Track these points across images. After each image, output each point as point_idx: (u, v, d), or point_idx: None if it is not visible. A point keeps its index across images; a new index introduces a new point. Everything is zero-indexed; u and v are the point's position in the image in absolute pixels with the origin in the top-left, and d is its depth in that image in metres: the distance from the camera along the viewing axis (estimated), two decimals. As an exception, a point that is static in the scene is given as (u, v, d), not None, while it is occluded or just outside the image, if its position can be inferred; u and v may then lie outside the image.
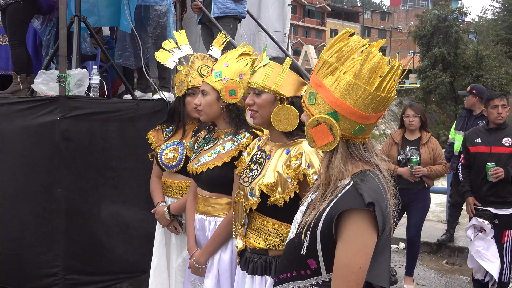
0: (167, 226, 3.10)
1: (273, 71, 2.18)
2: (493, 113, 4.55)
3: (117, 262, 4.15)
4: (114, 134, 4.04)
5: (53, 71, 3.91)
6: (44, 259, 3.84)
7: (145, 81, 5.09)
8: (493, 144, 4.50)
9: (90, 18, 4.56)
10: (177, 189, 3.09)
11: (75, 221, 3.86)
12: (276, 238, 2.15)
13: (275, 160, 2.17)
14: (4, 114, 3.99)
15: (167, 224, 3.10)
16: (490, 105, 4.58)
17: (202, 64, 3.00)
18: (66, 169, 3.81)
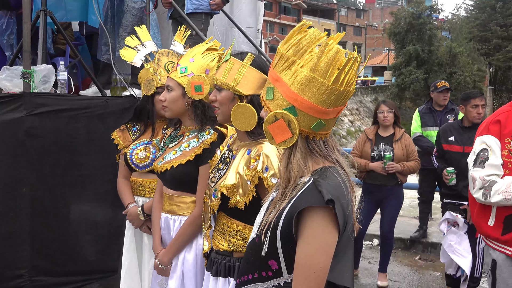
0: (140, 227, 3.03)
1: (233, 67, 2.11)
2: (472, 112, 4.58)
3: (87, 262, 4.07)
4: (82, 132, 3.95)
5: (17, 67, 3.80)
6: (9, 260, 3.73)
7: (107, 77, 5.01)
8: (466, 144, 4.52)
9: (57, 13, 4.46)
10: (149, 188, 3.02)
11: (42, 220, 3.76)
12: (240, 240, 2.10)
13: (238, 161, 2.11)
14: (-33, 111, 3.87)
15: (140, 225, 3.03)
16: (470, 104, 4.59)
17: (168, 61, 2.94)
18: (31, 168, 3.71)
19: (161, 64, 2.93)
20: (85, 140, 3.98)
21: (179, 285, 2.51)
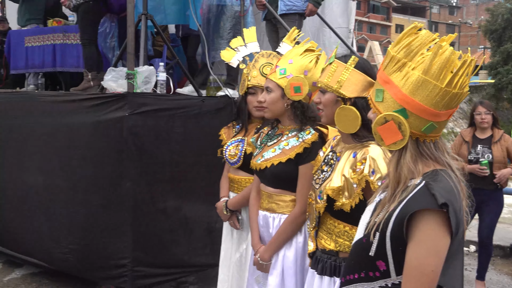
0: (228, 221, 3.13)
1: (337, 70, 2.14)
2: None
3: (182, 255, 4.23)
4: (179, 130, 4.12)
5: (122, 69, 4.02)
6: (113, 251, 3.97)
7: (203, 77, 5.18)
8: None
9: (156, 16, 4.67)
10: (237, 185, 3.10)
11: (142, 214, 3.96)
12: (347, 241, 2.11)
13: (343, 163, 2.12)
14: (76, 109, 4.15)
15: (226, 219, 3.13)
16: None
17: (266, 62, 2.98)
18: (133, 164, 3.91)
19: (257, 65, 2.99)
20: (182, 138, 4.14)
21: (279, 282, 2.56)
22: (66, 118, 4.24)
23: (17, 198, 4.74)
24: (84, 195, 4.13)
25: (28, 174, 4.62)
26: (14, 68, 6.36)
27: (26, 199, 4.64)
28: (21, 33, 6.40)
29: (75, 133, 4.17)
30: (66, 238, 4.23)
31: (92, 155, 4.07)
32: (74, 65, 5.79)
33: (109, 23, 5.47)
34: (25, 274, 4.93)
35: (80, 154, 4.15)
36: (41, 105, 4.51)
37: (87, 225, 4.12)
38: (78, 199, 4.16)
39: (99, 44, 5.31)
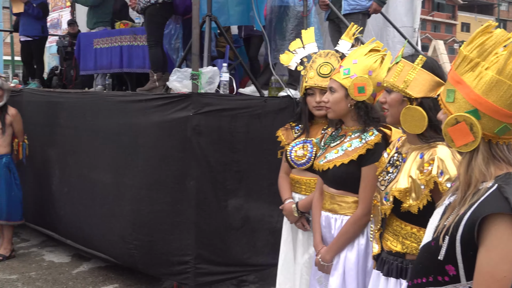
0: (295, 223, 3.11)
1: (403, 69, 2.10)
2: None
3: (243, 254, 4.27)
4: (242, 130, 4.16)
5: (187, 69, 4.10)
6: (176, 247, 4.05)
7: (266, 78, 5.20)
8: None
9: (220, 17, 4.73)
10: (305, 186, 3.08)
11: (205, 212, 4.03)
12: (414, 243, 2.07)
13: (409, 164, 2.08)
14: (142, 109, 4.27)
15: (295, 220, 3.10)
16: None
17: (324, 62, 2.96)
18: (197, 163, 3.98)
19: (314, 66, 2.97)
20: (244, 138, 4.18)
21: (341, 283, 2.54)
22: (132, 117, 4.37)
23: (86, 194, 4.92)
24: (149, 192, 4.24)
25: (95, 172, 4.80)
26: (84, 69, 6.62)
27: (93, 196, 4.82)
28: (90, 36, 6.65)
29: (141, 132, 4.29)
30: (132, 234, 4.35)
31: (157, 154, 4.17)
32: (140, 66, 5.96)
33: (174, 25, 5.59)
34: (92, 267, 5.11)
35: (146, 153, 4.26)
36: (109, 105, 4.66)
37: (152, 222, 4.23)
38: (143, 197, 4.28)
39: (164, 45, 5.44)
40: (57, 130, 5.31)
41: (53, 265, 5.17)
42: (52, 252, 5.58)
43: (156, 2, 5.06)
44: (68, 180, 5.17)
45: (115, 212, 4.53)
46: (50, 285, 4.64)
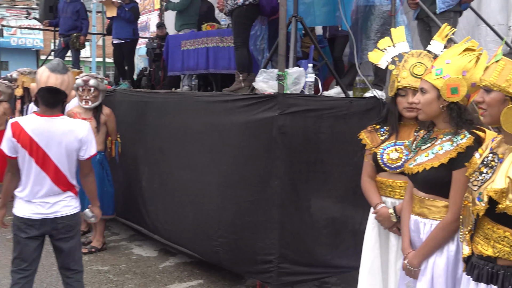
0: (390, 228, 3.02)
1: (505, 68, 2.01)
2: None
3: (326, 256, 4.25)
4: (327, 131, 4.13)
5: (273, 70, 4.14)
6: (260, 246, 4.10)
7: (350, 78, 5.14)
8: None
9: (306, 18, 4.73)
10: (399, 190, 2.98)
11: (289, 212, 4.04)
12: (507, 247, 1.98)
13: (507, 165, 1.99)
14: (228, 109, 4.35)
15: (390, 225, 3.00)
16: None
17: (416, 62, 2.87)
18: (281, 163, 4.00)
19: (407, 65, 2.89)
20: (329, 139, 4.15)
21: (428, 289, 2.48)
22: (219, 117, 4.47)
23: (172, 192, 5.08)
24: (234, 191, 4.31)
25: (182, 170, 4.94)
26: (171, 70, 6.84)
27: (180, 193, 4.96)
28: (178, 38, 6.87)
29: (227, 132, 4.38)
30: (216, 232, 4.45)
31: (243, 153, 4.24)
32: (225, 67, 6.09)
33: (259, 26, 5.66)
34: (178, 262, 5.28)
35: (231, 152, 4.34)
36: (196, 105, 4.79)
37: (236, 220, 4.30)
38: (228, 195, 4.36)
39: (249, 46, 5.52)
40: (146, 129, 5.53)
41: (141, 259, 5.38)
42: (140, 246, 5.81)
43: (242, 4, 5.15)
44: (156, 177, 5.36)
45: (201, 209, 4.65)
46: (138, 278, 4.84)
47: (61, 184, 3.33)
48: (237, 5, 5.18)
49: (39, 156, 3.25)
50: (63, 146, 3.28)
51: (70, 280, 3.47)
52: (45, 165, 3.26)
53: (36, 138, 3.23)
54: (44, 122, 3.27)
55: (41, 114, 3.30)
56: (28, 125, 3.25)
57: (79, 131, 3.35)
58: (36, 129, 3.24)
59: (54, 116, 3.29)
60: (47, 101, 3.27)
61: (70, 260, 3.44)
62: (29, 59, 31.99)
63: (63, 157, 3.30)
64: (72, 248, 3.42)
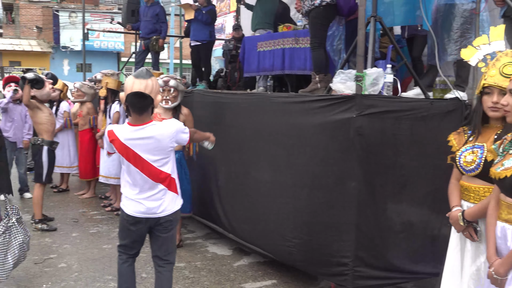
0: (463, 232, 2.95)
1: None
2: None
3: (403, 260, 4.16)
4: (405, 133, 4.04)
5: (351, 71, 4.09)
6: (335, 248, 4.07)
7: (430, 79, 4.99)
8: None
9: (386, 18, 4.65)
10: (474, 194, 2.91)
11: (366, 215, 3.99)
12: None
13: None
14: (304, 110, 4.35)
15: (461, 229, 2.94)
16: None
17: (508, 62, 2.75)
18: (358, 164, 3.95)
19: (497, 64, 2.78)
20: (408, 141, 4.06)
21: (516, 299, 2.37)
22: (295, 118, 4.47)
23: (248, 191, 5.14)
24: (309, 192, 4.30)
25: (257, 170, 4.98)
26: (247, 71, 6.92)
27: (255, 193, 5.01)
28: (254, 39, 6.93)
29: (303, 133, 4.37)
30: (291, 232, 4.45)
31: (318, 154, 4.22)
32: (301, 68, 6.08)
33: (337, 27, 5.61)
34: (252, 262, 5.33)
35: (307, 153, 4.33)
36: (272, 106, 4.81)
37: (311, 221, 4.28)
38: (303, 196, 4.35)
39: (326, 46, 5.48)
40: (223, 129, 5.61)
41: (216, 257, 5.48)
42: (215, 244, 5.92)
43: (319, 5, 5.13)
44: (232, 177, 5.44)
45: (276, 210, 4.67)
46: (213, 275, 4.92)
47: (161, 183, 3.55)
48: (314, 6, 5.16)
49: (136, 161, 3.48)
50: (156, 149, 3.49)
51: (162, 269, 3.69)
52: (143, 168, 3.48)
53: (130, 145, 3.46)
54: (135, 131, 3.46)
55: (133, 123, 3.49)
56: (122, 134, 3.48)
57: (169, 131, 3.52)
58: (128, 137, 3.47)
59: (144, 124, 3.47)
60: (135, 106, 3.44)
61: (164, 250, 3.67)
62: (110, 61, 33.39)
63: (160, 158, 3.51)
64: (168, 239, 3.66)
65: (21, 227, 4.43)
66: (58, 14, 34.17)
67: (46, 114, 6.31)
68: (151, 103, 3.48)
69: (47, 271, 4.96)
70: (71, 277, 4.82)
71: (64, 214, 7.11)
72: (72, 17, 33.83)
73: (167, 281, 3.69)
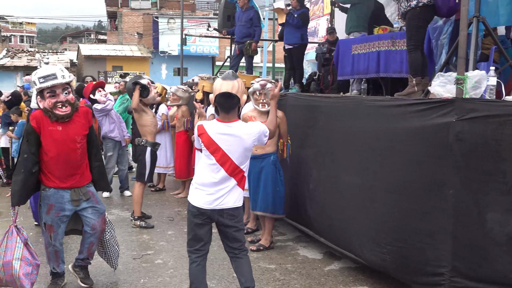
0: None
1: None
2: None
3: (504, 274, 3.92)
4: (509, 139, 3.82)
5: (451, 74, 3.94)
6: (430, 257, 3.93)
7: None
8: None
9: (489, 18, 4.43)
10: None
11: (463, 223, 3.82)
12: None
13: None
14: (401, 114, 4.25)
15: None
16: None
17: None
18: (457, 171, 3.80)
19: None
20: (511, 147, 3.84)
21: None
22: (389, 122, 4.37)
23: (339, 195, 5.09)
24: (403, 198, 4.20)
25: (349, 173, 4.92)
26: (341, 74, 6.85)
27: (347, 197, 4.95)
28: (349, 42, 6.86)
29: (397, 137, 4.27)
30: (384, 239, 4.36)
31: (414, 160, 4.10)
32: (397, 71, 5.93)
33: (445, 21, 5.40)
34: (343, 267, 5.26)
35: (402, 158, 4.22)
36: (367, 110, 4.73)
37: (405, 228, 4.17)
38: (396, 202, 4.25)
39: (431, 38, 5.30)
40: (316, 132, 5.60)
41: (306, 260, 5.47)
42: (306, 247, 5.91)
43: (416, 6, 4.99)
44: (324, 180, 5.41)
45: (367, 215, 4.60)
46: (303, 279, 4.92)
47: (236, 178, 3.78)
48: (411, 7, 5.02)
49: (218, 154, 3.73)
50: (239, 146, 3.74)
51: (238, 255, 3.89)
52: (224, 162, 3.73)
53: (216, 139, 3.74)
54: (222, 127, 3.76)
55: (221, 120, 3.80)
56: (210, 129, 3.78)
57: (252, 131, 3.78)
58: (216, 133, 3.75)
59: (231, 122, 3.76)
60: (223, 105, 3.77)
61: (232, 238, 3.86)
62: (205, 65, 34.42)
63: (240, 155, 3.75)
64: (235, 230, 3.83)
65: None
66: (158, 20, 35.72)
67: (150, 117, 6.65)
68: (238, 102, 3.81)
69: (144, 266, 5.19)
70: (167, 273, 5.00)
71: (161, 213, 7.40)
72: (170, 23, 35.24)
73: (247, 264, 3.89)
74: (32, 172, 4.09)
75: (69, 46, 56.87)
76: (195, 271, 3.85)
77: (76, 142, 4.18)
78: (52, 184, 4.18)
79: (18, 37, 57.66)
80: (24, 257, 4.04)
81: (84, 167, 4.33)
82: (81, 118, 4.27)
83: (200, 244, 3.84)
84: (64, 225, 4.32)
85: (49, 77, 4.03)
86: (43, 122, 4.10)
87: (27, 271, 4.03)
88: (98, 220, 4.39)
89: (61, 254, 4.41)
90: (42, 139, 4.10)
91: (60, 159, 4.13)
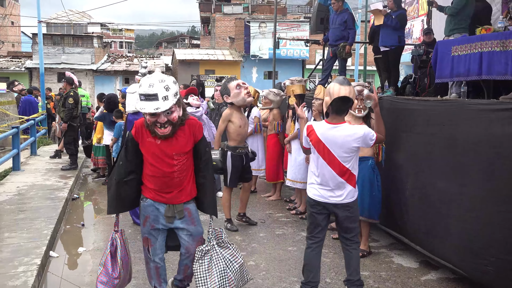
0: None
1: None
2: None
3: None
4: None
5: None
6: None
7: None
8: None
9: None
10: None
11: None
12: None
13: None
14: (507, 118, 4.03)
15: None
16: None
17: None
18: None
19: None
20: None
21: None
22: (494, 127, 4.15)
23: (437, 202, 4.89)
24: (507, 207, 3.96)
25: (449, 180, 4.72)
26: (439, 77, 6.58)
27: (446, 205, 4.75)
28: (448, 43, 6.57)
29: (503, 143, 4.04)
30: (487, 250, 4.14)
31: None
32: (501, 73, 5.60)
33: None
34: (440, 277, 5.05)
35: (506, 165, 3.99)
36: (469, 114, 4.52)
37: (509, 239, 3.93)
38: (501, 211, 4.02)
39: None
40: (411, 137, 5.43)
41: (401, 268, 5.31)
42: (400, 255, 5.73)
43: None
44: (421, 187, 5.22)
45: (468, 224, 4.39)
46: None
47: (344, 177, 4.07)
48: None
49: (325, 153, 4.09)
50: (345, 147, 4.04)
51: (349, 248, 4.28)
52: (330, 161, 4.07)
53: (323, 139, 4.08)
54: (331, 128, 4.09)
55: (329, 121, 4.13)
56: (319, 130, 4.13)
57: (358, 133, 4.06)
58: (324, 133, 4.09)
59: (339, 124, 4.08)
60: (339, 108, 4.07)
61: (345, 228, 4.21)
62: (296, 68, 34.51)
63: (345, 155, 4.05)
64: (348, 221, 4.17)
65: (226, 251, 3.98)
66: (249, 24, 36.27)
67: (236, 126, 6.58)
68: (351, 106, 4.18)
69: (237, 266, 5.26)
70: (259, 275, 5.04)
71: (252, 215, 7.47)
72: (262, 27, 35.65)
73: (356, 258, 4.25)
74: (125, 180, 3.85)
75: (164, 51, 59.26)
76: (310, 255, 4.27)
77: (173, 159, 3.79)
78: (149, 195, 3.88)
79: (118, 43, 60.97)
80: (106, 266, 3.91)
81: (186, 183, 3.89)
82: (186, 133, 3.83)
83: (317, 230, 4.25)
84: (162, 239, 3.97)
85: (150, 97, 3.57)
86: (143, 133, 3.81)
87: (103, 280, 3.88)
88: (192, 244, 3.93)
89: (162, 272, 4.03)
90: (141, 149, 3.84)
91: (157, 173, 3.81)
